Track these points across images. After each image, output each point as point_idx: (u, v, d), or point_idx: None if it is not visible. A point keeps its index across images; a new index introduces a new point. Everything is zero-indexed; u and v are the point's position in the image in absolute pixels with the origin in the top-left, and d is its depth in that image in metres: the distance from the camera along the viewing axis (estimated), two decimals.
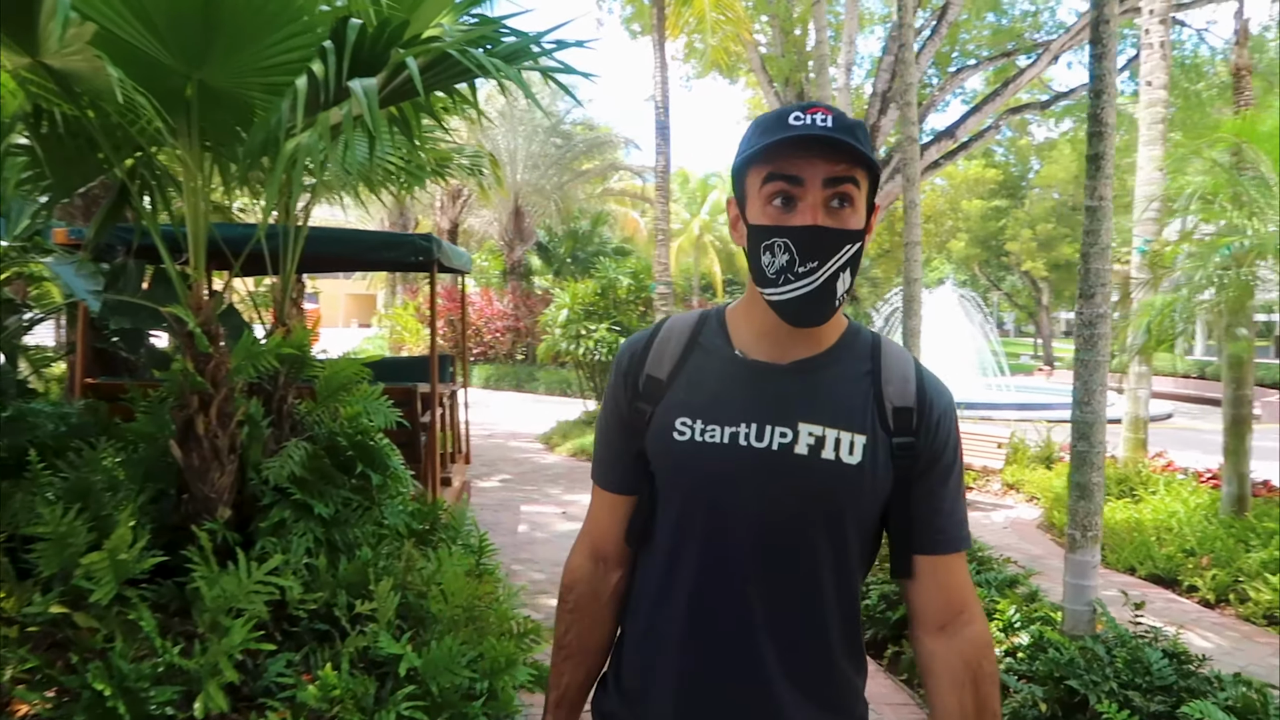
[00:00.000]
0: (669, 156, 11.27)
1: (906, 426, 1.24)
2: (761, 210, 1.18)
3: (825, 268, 1.15)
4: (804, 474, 1.19)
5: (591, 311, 12.49)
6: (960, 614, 1.26)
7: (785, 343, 1.24)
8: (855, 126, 1.17)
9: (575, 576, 1.40)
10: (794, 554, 1.21)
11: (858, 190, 1.17)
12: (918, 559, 1.26)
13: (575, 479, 9.20)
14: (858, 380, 1.25)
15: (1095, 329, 3.26)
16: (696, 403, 1.24)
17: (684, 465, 1.23)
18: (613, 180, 29.50)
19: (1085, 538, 3.31)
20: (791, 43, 19.12)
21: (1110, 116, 3.19)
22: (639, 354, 1.32)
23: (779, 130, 1.15)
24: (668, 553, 1.26)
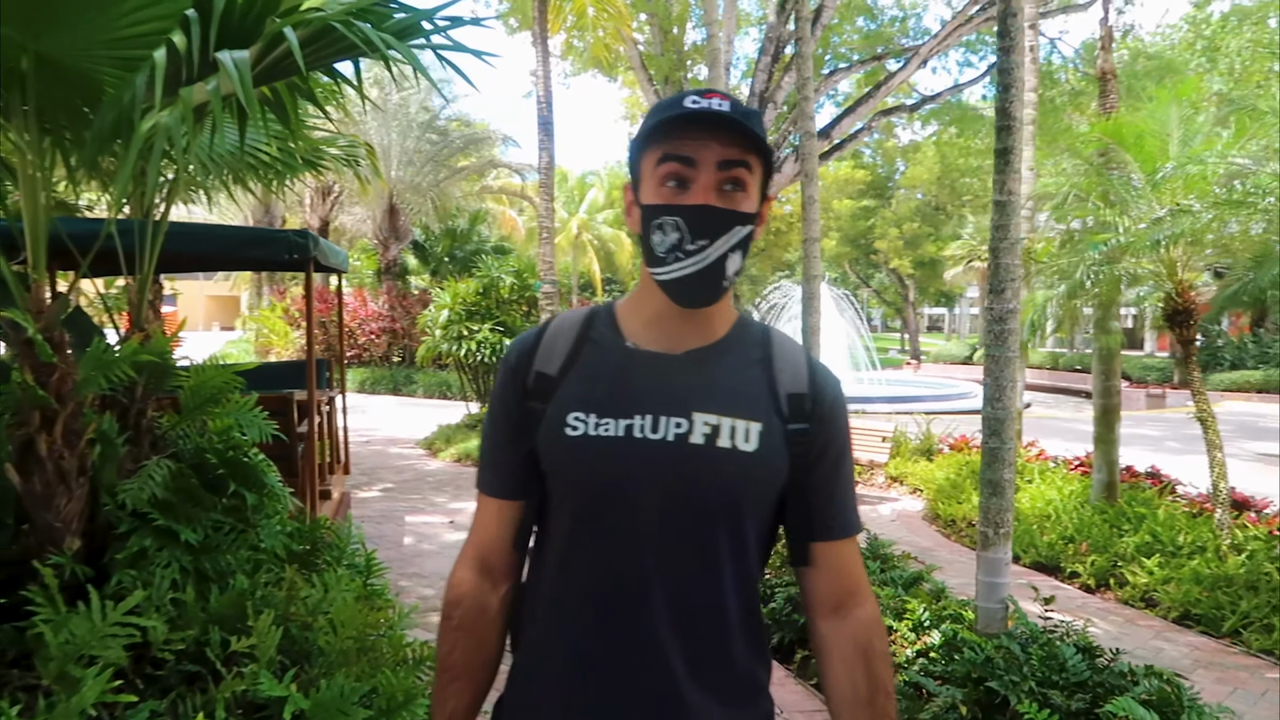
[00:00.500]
0: (552, 152, 11.02)
1: (801, 413, 1.24)
2: (655, 191, 1.17)
3: (714, 246, 1.15)
4: (701, 463, 1.17)
5: (474, 311, 12.12)
6: (852, 596, 1.27)
7: (677, 333, 1.23)
8: (751, 114, 1.17)
9: (460, 591, 1.31)
10: (693, 545, 1.19)
11: (750, 175, 1.17)
12: (815, 546, 1.27)
13: (461, 485, 8.86)
14: (751, 368, 1.25)
15: (1005, 324, 3.24)
16: (589, 397, 1.22)
17: (578, 461, 1.20)
18: (490, 178, 28.99)
19: (997, 535, 3.28)
20: (670, 41, 19.15)
21: (1018, 111, 3.18)
22: (528, 351, 1.29)
23: (674, 110, 1.15)
24: (563, 553, 1.23)
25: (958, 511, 7.68)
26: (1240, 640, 4.85)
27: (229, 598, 2.84)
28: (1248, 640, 4.79)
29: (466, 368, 12.31)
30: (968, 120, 22.36)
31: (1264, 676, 4.34)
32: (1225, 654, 4.68)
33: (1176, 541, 6.11)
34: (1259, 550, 5.78)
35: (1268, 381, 23.78)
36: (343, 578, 3.10)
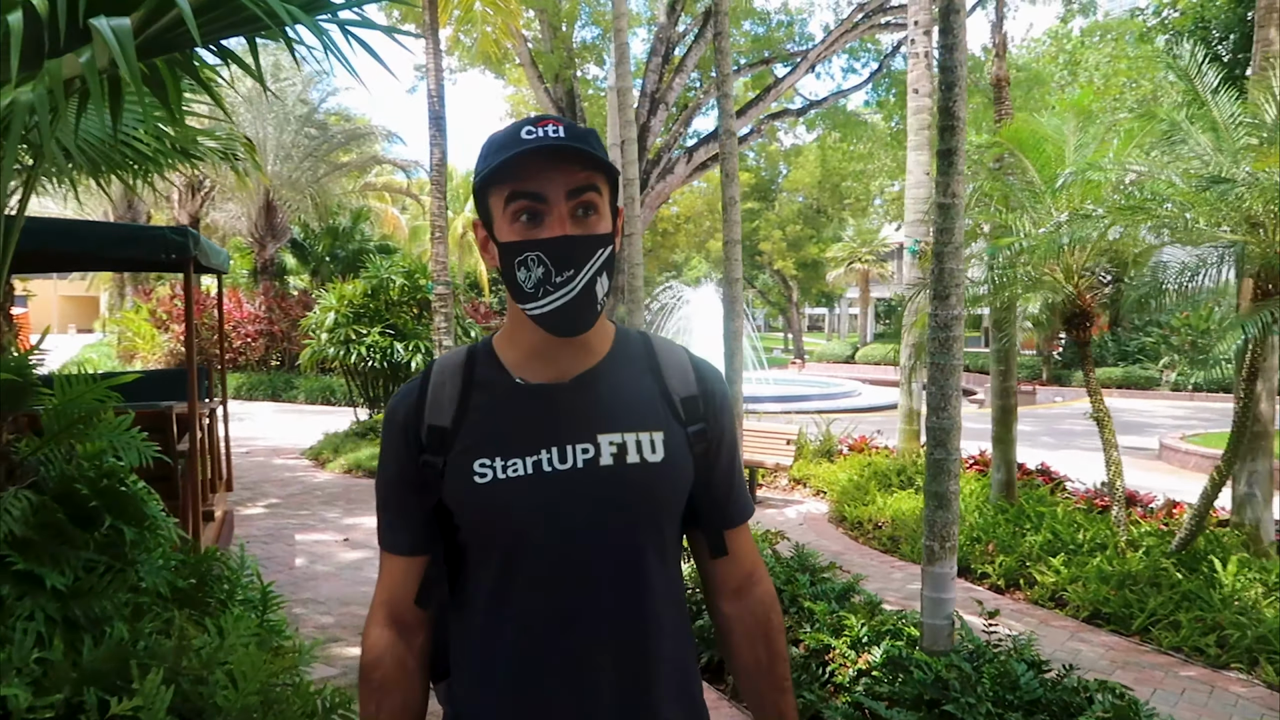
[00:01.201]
0: (445, 148, 10.58)
1: (695, 414, 1.28)
2: (509, 228, 1.18)
3: (581, 274, 1.16)
4: (615, 483, 1.20)
5: (362, 314, 11.57)
6: (750, 576, 1.36)
7: (561, 360, 1.25)
8: (588, 134, 1.18)
9: (378, 651, 1.29)
10: (621, 561, 1.22)
11: (600, 197, 1.19)
12: (729, 535, 1.34)
13: (354, 499, 8.38)
14: (641, 379, 1.28)
15: (950, 331, 3.14)
16: (491, 441, 1.22)
17: (493, 506, 1.20)
18: (372, 174, 28.06)
19: (944, 549, 3.18)
20: (560, 38, 18.86)
21: (962, 110, 3.08)
22: (414, 406, 1.27)
23: (513, 146, 1.15)
24: (489, 601, 1.23)
25: (863, 513, 7.70)
26: (1150, 638, 4.94)
27: (106, 650, 2.47)
28: (1158, 638, 4.88)
29: (355, 373, 11.75)
30: (851, 125, 22.87)
31: (1179, 675, 4.41)
32: (1138, 653, 4.76)
33: (1077, 539, 6.24)
34: (1154, 546, 5.95)
35: (1128, 378, 25.17)
36: (240, 619, 2.74)
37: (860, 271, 43.43)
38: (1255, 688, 4.26)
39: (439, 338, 10.91)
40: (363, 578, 5.78)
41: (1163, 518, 7.08)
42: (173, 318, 19.86)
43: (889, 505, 7.66)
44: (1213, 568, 5.49)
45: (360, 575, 5.83)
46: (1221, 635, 4.71)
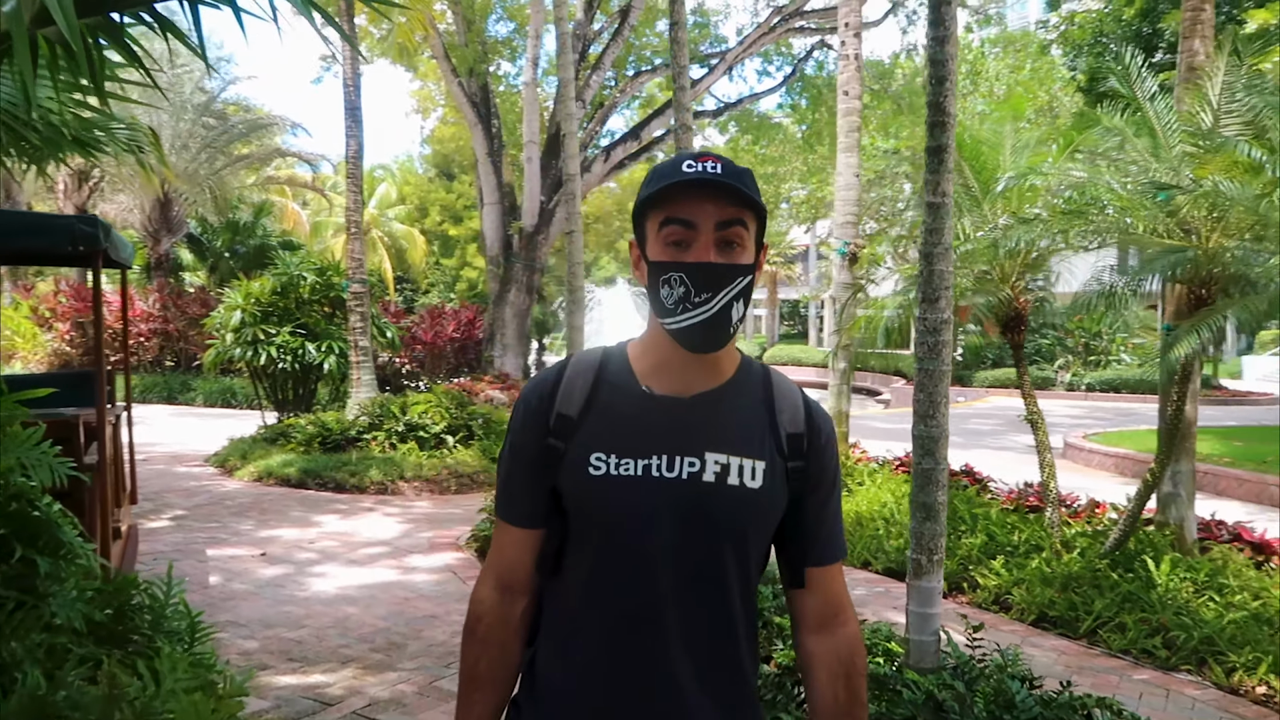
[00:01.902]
0: (362, 140, 10.16)
1: (798, 451, 1.35)
2: (660, 249, 1.26)
3: (718, 297, 1.24)
4: (712, 500, 1.28)
5: (270, 313, 10.99)
6: (837, 615, 1.40)
7: (687, 376, 1.32)
8: (743, 173, 1.26)
9: (484, 608, 1.42)
10: (706, 573, 1.30)
11: (746, 231, 1.27)
12: (809, 571, 1.39)
13: (268, 509, 7.89)
14: (755, 409, 1.36)
15: (939, 335, 3.02)
16: (609, 438, 1.31)
17: (601, 498, 1.29)
18: (273, 167, 26.98)
19: (931, 562, 3.06)
20: (475, 32, 18.43)
21: (952, 106, 2.97)
22: (548, 393, 1.37)
23: (673, 176, 1.24)
24: (585, 581, 1.33)
25: None
26: (1098, 641, 4.96)
27: (19, 703, 2.14)
28: (1106, 640, 4.91)
29: (263, 375, 11.16)
30: (763, 129, 23.06)
31: (1132, 679, 4.43)
32: (1089, 656, 4.77)
33: (1013, 541, 6.28)
34: (1088, 547, 6.03)
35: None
36: (177, 661, 2.42)
37: (768, 273, 44.01)
38: (1207, 689, 4.30)
39: (354, 338, 10.46)
40: (285, 596, 5.40)
41: (1086, 517, 7.22)
42: (57, 315, 18.64)
43: None
44: (1147, 568, 5.58)
45: (283, 594, 5.45)
46: (1168, 637, 4.76)
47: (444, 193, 42.12)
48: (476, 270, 38.86)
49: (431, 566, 6.21)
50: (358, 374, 10.54)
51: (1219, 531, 6.68)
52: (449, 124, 34.76)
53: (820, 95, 21.28)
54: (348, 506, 8.13)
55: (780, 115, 23.91)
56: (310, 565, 6.12)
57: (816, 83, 21.29)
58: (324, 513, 7.81)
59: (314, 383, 11.79)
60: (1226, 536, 6.62)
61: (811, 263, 50.20)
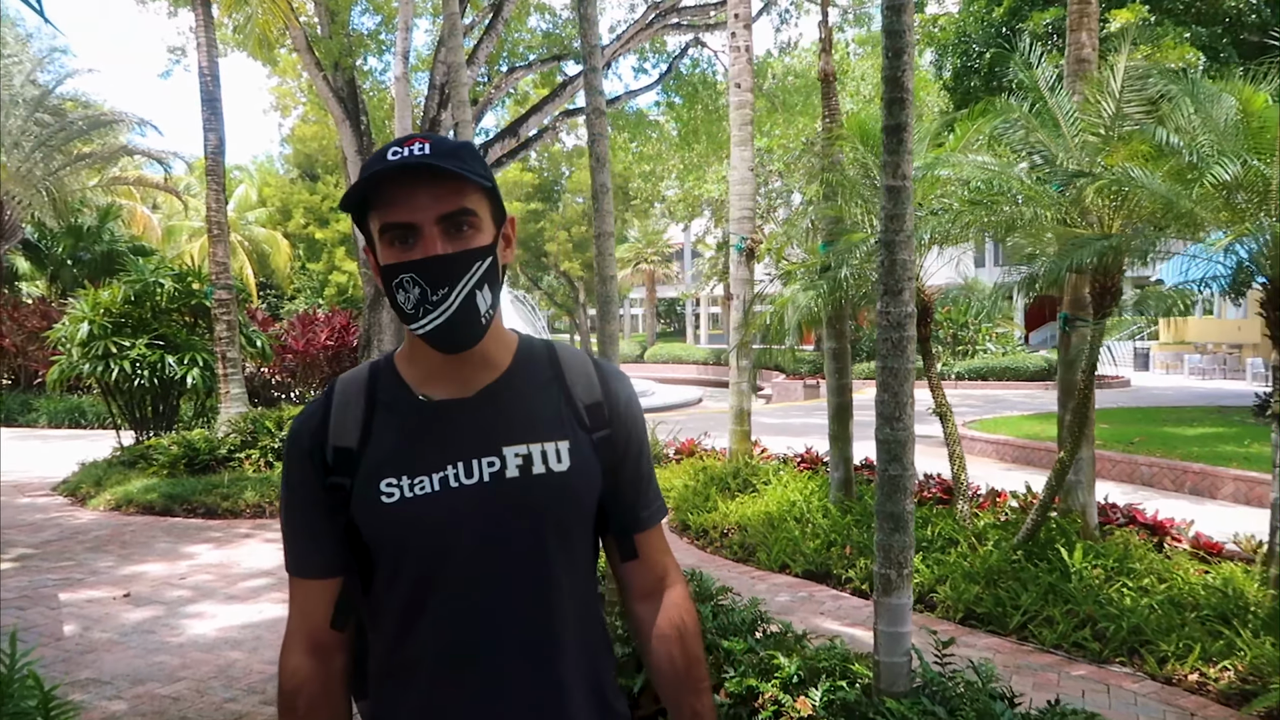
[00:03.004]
0: (222, 133, 9.37)
1: (601, 420, 1.31)
2: (385, 251, 1.19)
3: (457, 290, 1.17)
4: (521, 494, 1.22)
5: (123, 324, 10.04)
6: (664, 579, 1.37)
7: (463, 375, 1.26)
8: (458, 149, 1.18)
9: (300, 679, 1.27)
10: (532, 571, 1.23)
11: (474, 215, 1.19)
12: (638, 539, 1.35)
13: (130, 541, 7.11)
14: (545, 389, 1.30)
15: (903, 331, 2.79)
16: (397, 460, 1.22)
17: (401, 525, 1.21)
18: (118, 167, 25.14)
19: (900, 577, 2.83)
20: (339, 25, 17.55)
21: (910, 81, 2.74)
22: (318, 429, 1.27)
23: (377, 166, 1.15)
24: (402, 616, 1.23)
25: (707, 520, 7.41)
26: (1029, 636, 4.89)
27: None
28: (1038, 636, 4.84)
29: (117, 392, 10.20)
30: (640, 126, 22.96)
31: (1070, 675, 4.36)
32: (1023, 654, 4.69)
33: (927, 535, 6.21)
34: (1002, 539, 6.01)
35: None
36: None
37: (646, 272, 44.07)
38: (1144, 681, 4.27)
39: (221, 348, 9.67)
40: (156, 643, 4.78)
41: (989, 507, 7.27)
42: None
43: (734, 511, 7.41)
44: (1061, 557, 5.58)
45: (152, 640, 4.82)
46: (1096, 628, 4.73)
47: (308, 194, 40.44)
48: (346, 274, 37.40)
49: None
50: (226, 387, 9.75)
51: (1114, 515, 6.82)
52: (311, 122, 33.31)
53: (696, 93, 21.29)
54: (222, 534, 7.42)
55: (656, 113, 23.83)
56: (183, 605, 5.48)
57: (692, 80, 21.30)
58: (195, 542, 7.10)
59: (176, 398, 10.87)
60: (1122, 519, 6.76)
61: (688, 261, 50.63)
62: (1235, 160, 4.07)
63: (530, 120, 18.22)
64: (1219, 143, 4.60)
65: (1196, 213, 4.56)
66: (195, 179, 33.74)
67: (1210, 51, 10.59)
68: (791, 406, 22.88)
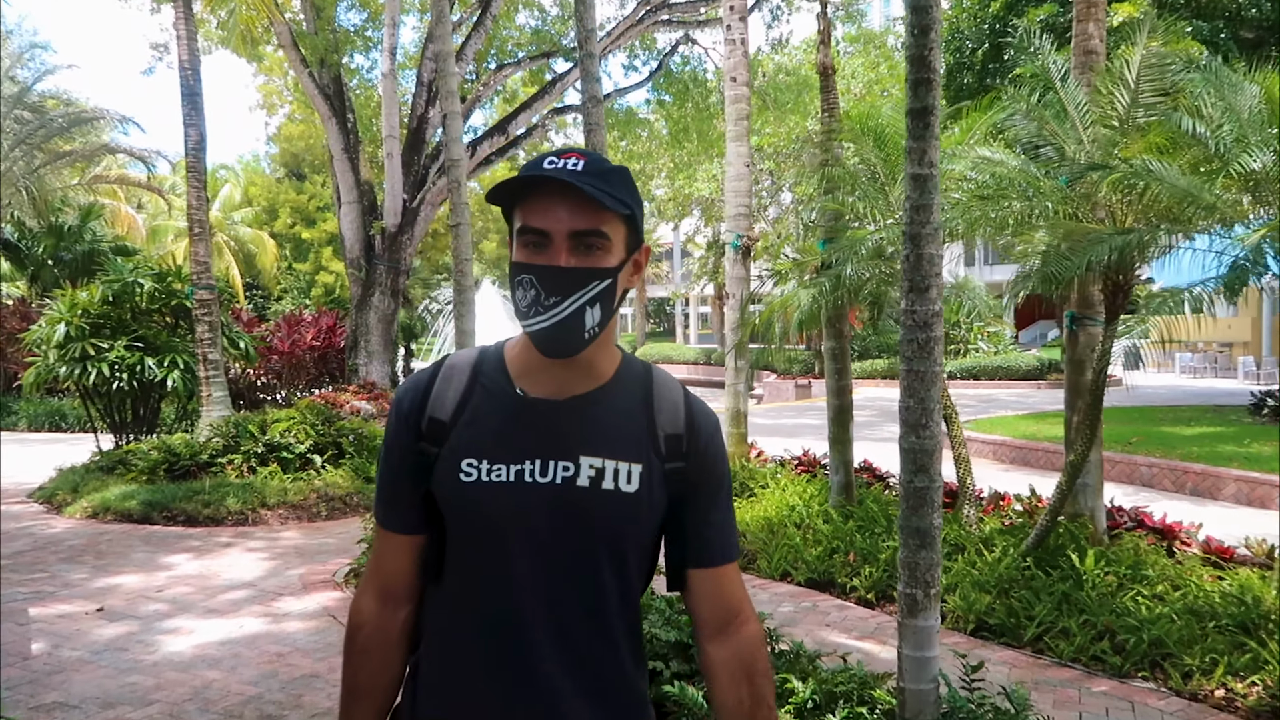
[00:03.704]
0: (203, 129, 9.10)
1: (677, 452, 1.32)
2: (518, 249, 1.25)
3: (568, 302, 1.21)
4: (586, 505, 1.26)
5: (102, 326, 9.76)
6: (735, 618, 1.36)
7: (562, 379, 1.30)
8: (609, 173, 1.22)
9: (363, 618, 1.38)
10: (581, 580, 1.27)
11: (606, 238, 1.22)
12: (692, 573, 1.36)
13: (106, 551, 6.84)
14: (633, 411, 1.33)
15: (930, 331, 2.58)
16: (481, 443, 1.28)
17: (473, 505, 1.27)
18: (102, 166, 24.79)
19: (928, 597, 2.62)
20: (325, 20, 17.27)
21: (938, 61, 2.53)
22: (420, 397, 1.34)
23: (532, 170, 1.22)
24: (460, 588, 1.30)
25: None
26: (1045, 648, 4.69)
27: None
28: (1054, 648, 4.64)
29: (96, 395, 9.91)
30: (629, 124, 22.78)
31: (1092, 691, 4.16)
32: (1040, 668, 4.49)
33: None
34: (1011, 545, 5.82)
35: (891, 369, 26.73)
36: None
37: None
38: (1169, 698, 4.07)
39: (203, 350, 9.40)
40: (129, 662, 4.53)
41: (994, 510, 7.08)
42: None
43: None
44: (1073, 564, 5.39)
45: (126, 659, 4.57)
46: (1116, 641, 4.53)
47: (294, 193, 40.10)
48: (333, 274, 37.08)
49: (306, 611, 5.42)
50: (208, 390, 9.47)
51: (1121, 518, 6.64)
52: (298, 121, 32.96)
53: (686, 91, 21.10)
54: (202, 543, 7.15)
55: (646, 111, 23.64)
56: (159, 620, 5.22)
57: (682, 78, 21.10)
58: (174, 552, 6.83)
59: (157, 402, 10.59)
60: (1130, 523, 6.59)
61: (677, 260, 50.42)
62: (1266, 149, 3.87)
63: (519, 118, 17.98)
64: (1241, 132, 4.41)
65: (1219, 206, 4.36)
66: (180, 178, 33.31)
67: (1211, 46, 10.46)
68: (784, 407, 22.71)
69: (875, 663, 4.44)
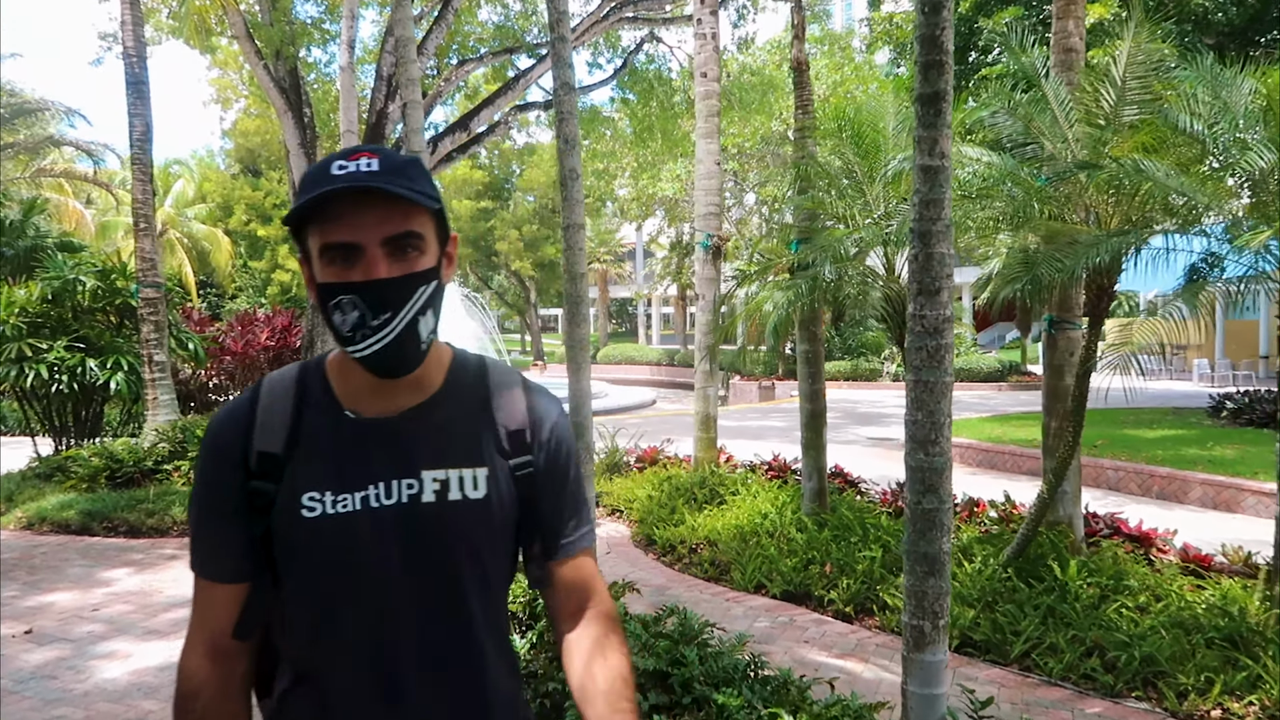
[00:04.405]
0: (149, 120, 8.68)
1: (522, 447, 1.29)
2: (324, 269, 1.14)
3: (400, 316, 1.15)
4: (436, 520, 1.21)
5: (40, 325, 9.28)
6: (590, 600, 1.35)
7: (391, 394, 1.24)
8: (407, 166, 1.15)
9: (197, 681, 1.24)
10: (445, 599, 1.23)
11: (420, 238, 1.16)
12: (553, 567, 1.33)
13: (40, 566, 6.42)
14: (470, 413, 1.28)
15: (941, 338, 2.35)
16: (321, 474, 1.20)
17: (323, 540, 1.19)
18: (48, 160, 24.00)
19: (936, 629, 2.39)
20: (280, 10, 16.79)
21: (949, 41, 2.30)
22: (242, 429, 1.23)
23: (323, 183, 1.10)
24: (315, 629, 1.22)
25: (675, 535, 6.95)
26: (1032, 665, 4.51)
27: None
28: (1041, 665, 4.46)
29: (35, 398, 9.43)
30: (593, 122, 22.53)
31: (1085, 713, 3.97)
32: (1029, 687, 4.30)
33: None
34: (989, 555, 5.66)
35: (855, 370, 26.74)
36: None
37: (599, 272, 43.50)
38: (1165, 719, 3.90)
39: (148, 351, 8.97)
40: (56, 692, 4.17)
41: (969, 518, 6.93)
42: None
43: (702, 525, 6.96)
44: (1055, 575, 5.24)
45: (54, 688, 4.21)
46: (1106, 658, 4.37)
47: (250, 190, 39.26)
48: (290, 273, 36.33)
49: None
50: (154, 393, 9.04)
51: (1097, 525, 6.52)
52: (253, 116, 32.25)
53: (651, 89, 20.89)
54: (144, 555, 6.75)
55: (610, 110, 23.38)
56: (94, 642, 4.86)
57: (647, 76, 20.88)
58: (113, 566, 6.43)
59: (99, 405, 10.11)
60: (1105, 530, 6.47)
61: (640, 261, 50.18)
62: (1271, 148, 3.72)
63: (481, 114, 17.61)
64: (1233, 129, 4.26)
65: (1212, 205, 4.21)
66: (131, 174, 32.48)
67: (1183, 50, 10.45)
68: (748, 409, 22.57)
69: (859, 684, 4.23)
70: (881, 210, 5.92)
